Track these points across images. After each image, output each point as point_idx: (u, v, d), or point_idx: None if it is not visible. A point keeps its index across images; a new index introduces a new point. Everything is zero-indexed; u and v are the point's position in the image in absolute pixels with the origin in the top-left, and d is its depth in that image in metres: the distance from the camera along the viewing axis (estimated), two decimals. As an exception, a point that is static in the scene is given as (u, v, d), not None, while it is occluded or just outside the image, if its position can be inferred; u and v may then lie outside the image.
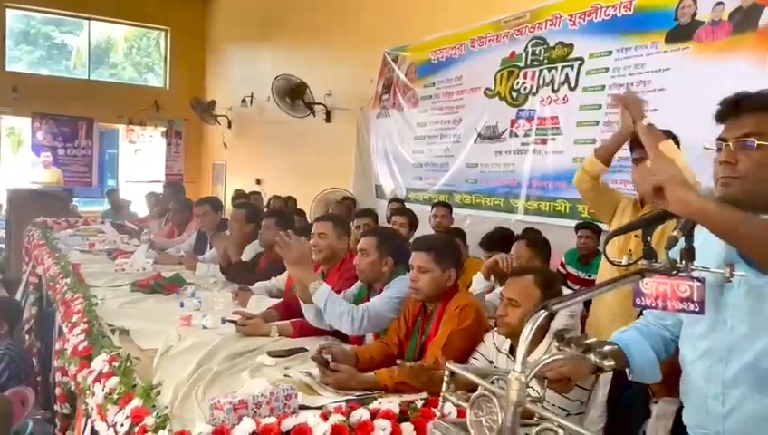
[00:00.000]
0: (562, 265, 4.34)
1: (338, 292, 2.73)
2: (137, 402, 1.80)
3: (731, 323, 1.32)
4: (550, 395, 1.94)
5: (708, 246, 1.18)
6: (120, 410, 1.80)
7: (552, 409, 1.96)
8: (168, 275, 3.77)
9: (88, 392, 2.11)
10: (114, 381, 2.00)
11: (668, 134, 2.44)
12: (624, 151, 2.67)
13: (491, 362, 2.25)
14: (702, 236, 1.15)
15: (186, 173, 11.95)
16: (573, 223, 4.32)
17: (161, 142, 11.93)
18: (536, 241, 3.36)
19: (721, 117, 1.36)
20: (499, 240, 3.72)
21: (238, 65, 10.73)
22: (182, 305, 3.20)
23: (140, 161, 12.02)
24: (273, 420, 1.63)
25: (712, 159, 1.34)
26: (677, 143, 2.44)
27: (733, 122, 1.33)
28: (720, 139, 1.34)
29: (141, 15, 11.64)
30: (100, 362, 2.17)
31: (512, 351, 2.19)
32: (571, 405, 2.00)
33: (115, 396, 1.90)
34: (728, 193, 1.26)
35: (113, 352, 2.27)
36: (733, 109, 1.33)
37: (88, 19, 11.50)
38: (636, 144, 2.45)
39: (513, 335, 2.12)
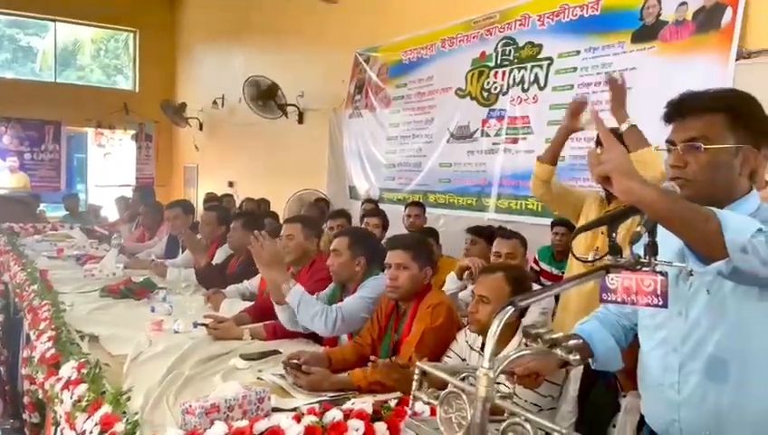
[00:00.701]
0: (535, 261, 4.39)
1: (309, 293, 2.71)
2: (106, 409, 1.77)
3: (686, 313, 1.36)
4: (522, 392, 1.97)
5: (665, 240, 1.20)
6: (89, 417, 1.77)
7: (524, 405, 1.99)
8: (138, 280, 3.72)
9: (56, 400, 2.07)
10: (83, 388, 1.97)
11: (615, 132, 2.48)
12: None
13: (464, 359, 2.27)
14: (662, 230, 1.18)
15: (157, 176, 11.79)
16: (545, 221, 4.36)
17: (131, 146, 11.75)
18: (524, 240, 3.41)
19: (668, 118, 1.39)
20: (486, 232, 3.76)
21: (209, 67, 10.62)
22: (153, 310, 3.16)
23: (110, 165, 11.83)
24: (244, 423, 1.62)
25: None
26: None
27: (679, 124, 1.36)
28: (668, 141, 1.37)
29: (108, 17, 11.45)
30: (68, 370, 2.14)
31: (483, 348, 2.20)
32: (543, 401, 2.02)
33: (84, 403, 1.87)
34: (683, 195, 1.28)
35: (82, 359, 2.23)
36: (677, 111, 1.36)
37: (53, 21, 11.26)
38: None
39: (485, 332, 2.14)
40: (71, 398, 1.94)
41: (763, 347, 1.29)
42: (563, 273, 4.14)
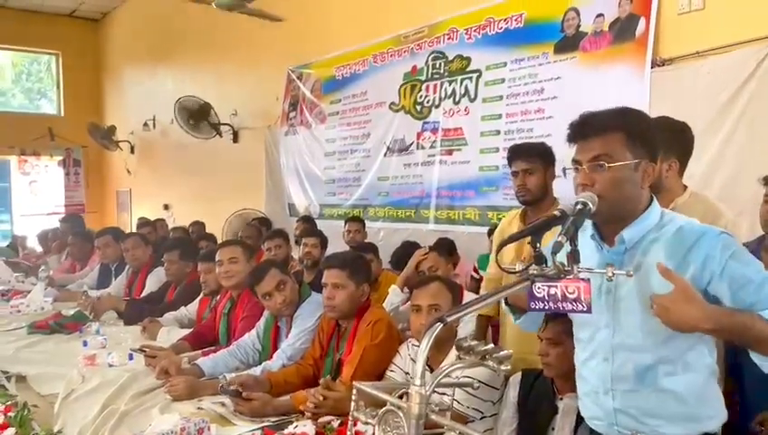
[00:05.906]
0: (475, 269, 4.45)
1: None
2: (35, 454, 1.69)
3: (613, 324, 1.43)
4: (465, 398, 2.00)
5: (584, 252, 1.25)
6: (17, 463, 1.69)
7: (467, 411, 2.02)
8: (69, 313, 3.56)
9: (-19, 448, 1.96)
10: (10, 432, 1.88)
11: (541, 147, 2.57)
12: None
13: (407, 372, 2.28)
14: (580, 241, 1.23)
15: (88, 203, 11.36)
16: (484, 229, 4.45)
17: (59, 172, 11.30)
18: (443, 250, 3.43)
19: (571, 139, 1.45)
20: (407, 256, 3.63)
21: (138, 88, 10.35)
22: (85, 344, 3.04)
23: (37, 193, 11.33)
24: (183, 456, 1.58)
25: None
26: (552, 158, 2.54)
27: (583, 145, 1.42)
28: (575, 161, 1.44)
29: (28, 39, 10.98)
30: (-7, 415, 2.03)
31: (428, 360, 2.21)
32: (484, 405, 2.05)
33: (11, 449, 1.79)
34: (596, 212, 1.33)
35: (9, 402, 2.15)
36: (580, 132, 1.43)
37: (-32, 45, 10.76)
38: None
39: (442, 342, 2.14)
40: (-4, 444, 1.85)
41: (684, 349, 1.37)
42: (503, 279, 4.23)
